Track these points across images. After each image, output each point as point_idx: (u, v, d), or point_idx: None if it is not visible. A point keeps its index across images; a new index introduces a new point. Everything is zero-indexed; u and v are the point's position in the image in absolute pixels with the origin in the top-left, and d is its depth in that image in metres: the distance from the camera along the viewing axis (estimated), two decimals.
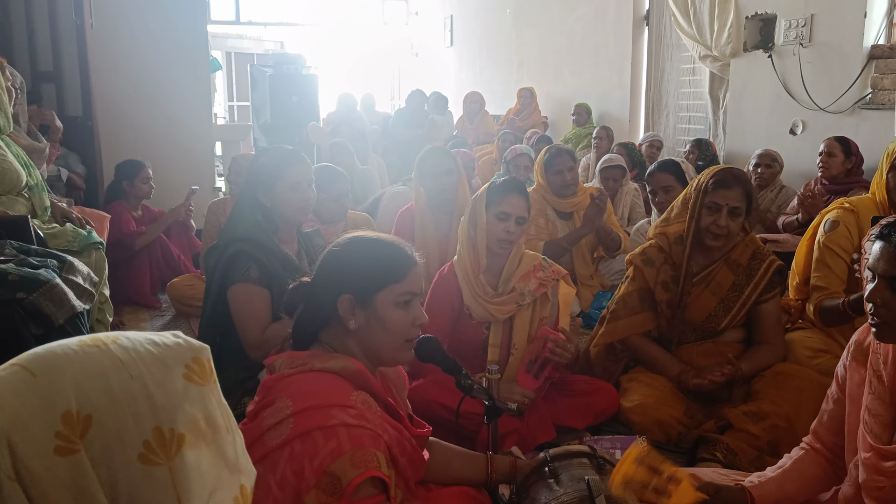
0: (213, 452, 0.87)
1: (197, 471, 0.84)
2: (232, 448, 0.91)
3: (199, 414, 0.86)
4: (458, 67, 11.75)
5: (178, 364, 0.87)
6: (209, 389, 0.90)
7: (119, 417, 0.80)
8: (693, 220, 2.73)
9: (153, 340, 0.88)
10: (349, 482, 1.40)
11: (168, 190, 5.17)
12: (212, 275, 2.62)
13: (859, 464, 1.67)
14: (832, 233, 2.91)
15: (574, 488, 1.67)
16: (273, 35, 15.69)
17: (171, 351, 0.88)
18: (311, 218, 3.19)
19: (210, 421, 0.88)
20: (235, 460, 0.91)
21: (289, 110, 9.20)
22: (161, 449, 0.82)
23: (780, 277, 2.77)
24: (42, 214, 3.41)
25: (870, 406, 1.66)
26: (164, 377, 0.85)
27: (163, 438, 0.82)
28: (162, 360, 0.86)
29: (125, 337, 0.87)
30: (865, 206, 2.93)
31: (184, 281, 4.41)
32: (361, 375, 1.60)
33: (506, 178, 2.81)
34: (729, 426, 2.53)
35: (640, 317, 2.84)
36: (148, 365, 0.84)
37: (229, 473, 0.89)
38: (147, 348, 0.86)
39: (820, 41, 5.03)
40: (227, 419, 0.92)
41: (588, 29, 8.09)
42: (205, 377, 0.90)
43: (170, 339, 0.90)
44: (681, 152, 6.57)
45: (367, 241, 1.70)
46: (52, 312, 2.53)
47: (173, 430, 0.83)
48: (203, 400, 0.88)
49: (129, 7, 5.86)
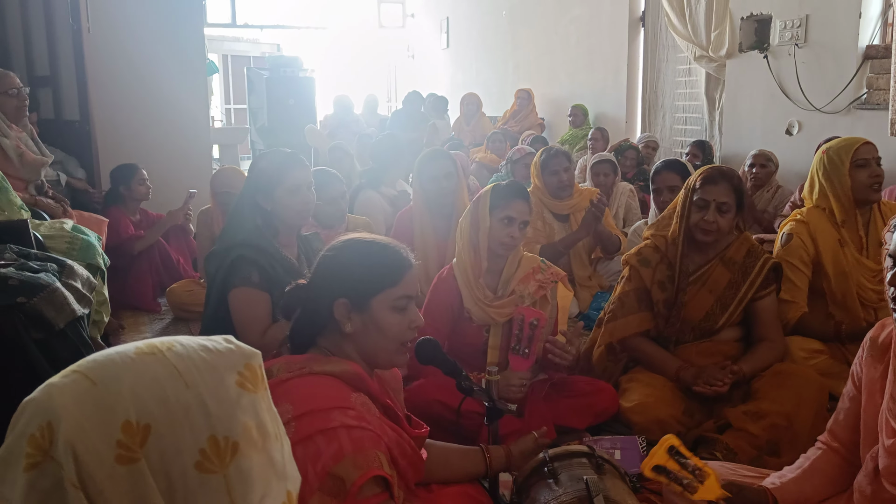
0: (263, 459, 0.89)
1: (249, 478, 0.86)
2: (280, 455, 0.92)
3: (251, 422, 0.88)
4: (454, 69, 11.76)
5: (230, 371, 0.89)
6: (260, 396, 0.91)
7: (176, 426, 0.82)
8: (683, 219, 2.76)
9: (206, 347, 0.89)
10: (353, 483, 1.41)
11: (166, 193, 5.17)
12: (213, 279, 2.63)
13: (880, 451, 1.69)
14: (787, 246, 2.99)
15: (573, 488, 1.68)
16: (270, 38, 15.71)
17: (223, 357, 0.90)
18: (311, 222, 3.19)
19: (261, 428, 0.89)
20: (283, 467, 0.93)
21: (286, 113, 9.21)
22: (216, 457, 0.84)
23: (775, 274, 2.79)
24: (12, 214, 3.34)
25: (894, 393, 1.68)
26: (217, 385, 0.87)
27: (217, 447, 0.84)
28: (215, 368, 0.88)
29: (180, 343, 0.89)
30: (816, 217, 3.01)
31: (183, 287, 4.41)
32: (359, 378, 1.60)
33: (509, 182, 2.81)
34: (728, 426, 2.54)
35: (638, 316, 2.85)
36: (202, 373, 0.86)
37: (277, 480, 0.91)
38: (201, 355, 0.88)
39: (815, 41, 5.05)
40: (276, 426, 0.93)
41: (583, 30, 8.11)
42: (256, 384, 0.91)
43: (222, 344, 0.92)
44: (678, 153, 6.60)
45: (363, 244, 1.70)
46: (52, 317, 2.53)
47: (227, 438, 0.85)
48: (255, 407, 0.90)
49: (126, 11, 5.86)
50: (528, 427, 2.52)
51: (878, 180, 2.93)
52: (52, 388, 0.81)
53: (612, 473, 1.78)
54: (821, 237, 2.97)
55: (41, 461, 0.77)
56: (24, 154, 4.00)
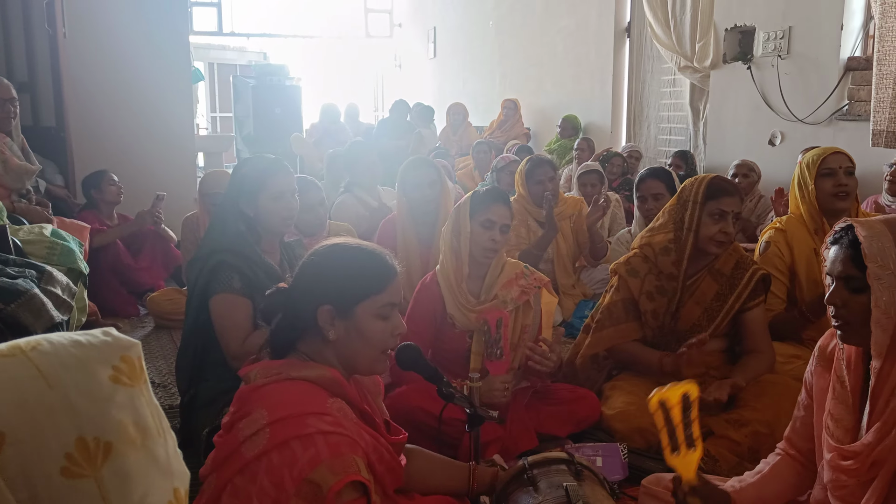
0: (142, 457, 0.82)
1: (126, 478, 0.80)
2: (163, 450, 0.86)
3: (127, 418, 0.81)
4: (441, 79, 11.79)
5: (104, 365, 0.82)
6: (139, 390, 0.85)
7: (36, 432, 0.75)
8: (691, 231, 2.72)
9: (78, 341, 0.83)
10: (329, 489, 1.40)
11: (149, 202, 5.13)
12: (194, 285, 2.60)
13: (824, 464, 1.71)
14: (764, 255, 3.03)
15: (552, 495, 1.68)
16: (256, 46, 15.73)
17: (96, 351, 0.83)
18: (292, 229, 3.17)
19: (139, 424, 0.83)
20: (167, 463, 0.86)
21: (272, 121, 9.21)
22: (85, 460, 0.77)
23: (763, 286, 2.79)
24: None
25: (833, 411, 1.71)
26: (87, 382, 0.80)
27: (87, 449, 0.78)
28: (85, 364, 0.81)
29: (48, 341, 0.81)
30: (793, 225, 3.04)
31: (164, 295, 4.37)
32: (336, 383, 1.59)
33: (489, 188, 2.82)
34: (710, 433, 2.55)
35: (626, 326, 2.85)
36: (70, 370, 0.79)
37: (162, 477, 0.85)
38: (70, 351, 0.81)
39: (798, 53, 5.10)
40: (158, 420, 0.87)
41: (570, 41, 8.15)
42: (134, 377, 0.85)
43: (97, 337, 0.85)
44: (663, 163, 6.63)
45: (348, 250, 1.69)
46: (30, 323, 2.51)
47: (98, 438, 0.79)
48: (132, 402, 0.83)
49: (105, 17, 5.83)
50: (510, 434, 2.51)
51: (843, 189, 2.92)
52: None
53: (591, 480, 1.78)
54: (797, 245, 3.00)
55: None
56: (8, 160, 3.96)
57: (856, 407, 1.68)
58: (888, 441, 1.56)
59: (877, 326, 1.56)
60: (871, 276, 1.55)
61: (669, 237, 2.79)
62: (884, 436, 1.57)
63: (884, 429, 1.57)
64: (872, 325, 1.56)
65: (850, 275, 1.61)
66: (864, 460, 1.60)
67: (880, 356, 1.59)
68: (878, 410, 1.61)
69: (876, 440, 1.58)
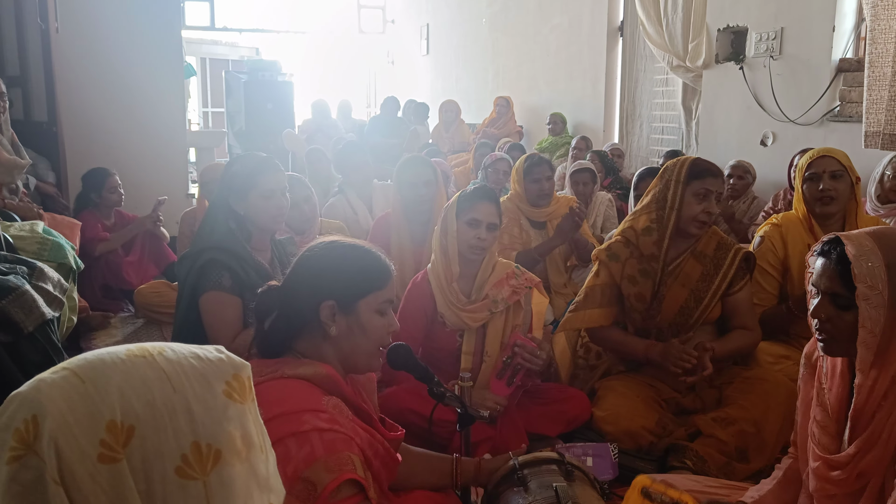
0: (246, 470, 0.89)
1: (230, 487, 0.86)
2: (264, 466, 0.93)
3: (236, 431, 0.88)
4: (434, 76, 11.77)
5: (219, 380, 0.89)
6: (247, 408, 0.92)
7: (160, 430, 0.82)
8: (674, 210, 2.71)
9: (197, 354, 0.90)
10: (324, 487, 1.40)
11: (140, 197, 5.12)
12: (184, 283, 2.60)
13: (809, 472, 1.71)
14: (757, 250, 3.03)
15: (542, 495, 1.68)
16: (248, 41, 15.65)
17: (213, 366, 0.90)
18: (284, 227, 3.17)
19: (246, 439, 0.89)
20: (266, 478, 0.93)
21: (264, 117, 9.18)
22: (197, 463, 0.84)
23: (747, 265, 2.80)
24: None
25: (818, 418, 1.71)
26: (205, 392, 0.87)
27: (200, 453, 0.84)
28: (204, 375, 0.88)
29: (171, 349, 0.89)
30: (790, 221, 3.05)
31: (151, 288, 4.35)
32: (332, 380, 1.59)
33: (476, 186, 2.82)
34: (699, 433, 2.56)
35: (599, 311, 2.84)
36: (191, 379, 0.86)
37: (260, 491, 0.91)
38: (191, 362, 0.88)
39: (790, 54, 5.11)
40: (262, 438, 0.94)
41: (563, 39, 8.15)
42: (244, 395, 0.92)
43: (213, 353, 0.92)
44: (654, 162, 6.64)
45: (347, 247, 1.70)
46: (21, 320, 2.49)
47: (210, 445, 0.85)
48: (241, 418, 0.90)
49: (98, 12, 5.81)
50: (500, 434, 2.52)
51: (825, 194, 2.90)
52: (41, 382, 0.82)
53: (581, 480, 1.78)
54: (791, 240, 3.00)
55: (24, 454, 0.77)
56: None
57: (838, 415, 1.68)
58: (875, 453, 1.57)
59: (862, 346, 1.56)
60: (859, 296, 1.55)
61: (652, 217, 2.77)
62: (869, 447, 1.58)
63: (870, 440, 1.58)
64: (858, 344, 1.56)
65: (837, 292, 1.61)
66: (851, 471, 1.60)
67: (864, 373, 1.59)
68: (862, 423, 1.61)
69: (861, 452, 1.59)
